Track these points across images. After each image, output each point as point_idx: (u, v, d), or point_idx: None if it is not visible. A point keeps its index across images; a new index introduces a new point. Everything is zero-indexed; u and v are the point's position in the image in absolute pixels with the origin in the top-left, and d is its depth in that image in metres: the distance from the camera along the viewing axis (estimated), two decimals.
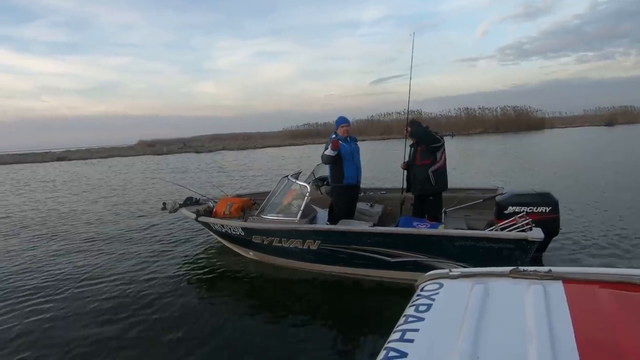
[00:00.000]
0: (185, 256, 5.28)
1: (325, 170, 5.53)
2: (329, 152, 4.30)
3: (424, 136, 4.32)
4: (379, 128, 52.92)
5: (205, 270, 4.73)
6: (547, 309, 1.03)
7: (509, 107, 53.35)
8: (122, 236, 6.55)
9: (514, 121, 50.44)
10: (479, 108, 54.24)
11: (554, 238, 4.10)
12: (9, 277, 4.78)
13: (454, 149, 22.60)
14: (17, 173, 23.76)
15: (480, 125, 50.47)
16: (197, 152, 38.41)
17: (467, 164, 14.61)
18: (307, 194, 4.25)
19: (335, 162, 4.41)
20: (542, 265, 3.99)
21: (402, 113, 55.05)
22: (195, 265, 4.93)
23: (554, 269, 1.22)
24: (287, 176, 4.71)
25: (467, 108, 54.55)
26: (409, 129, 4.47)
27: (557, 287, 1.14)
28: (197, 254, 5.34)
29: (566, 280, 1.17)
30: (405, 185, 4.84)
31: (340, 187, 4.51)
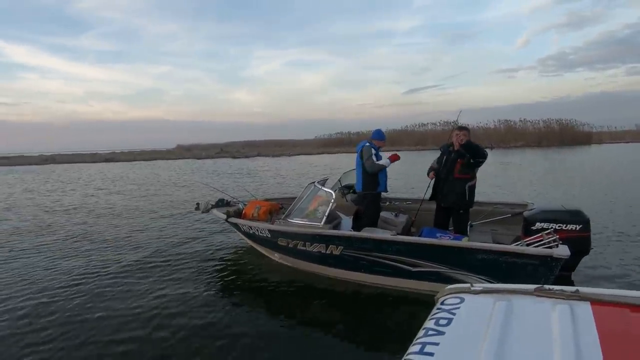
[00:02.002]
0: (213, 254, 5.55)
1: (351, 179, 5.64)
2: (384, 162, 4.61)
3: (476, 152, 4.17)
4: (414, 138, 52.23)
5: (231, 269, 4.95)
6: (574, 330, 0.99)
7: (552, 119, 50.93)
8: (158, 232, 7.00)
9: (558, 135, 48.03)
10: (520, 120, 52.19)
11: (584, 257, 3.95)
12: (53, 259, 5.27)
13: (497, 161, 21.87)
14: (71, 172, 25.66)
15: (521, 138, 48.50)
16: (234, 157, 39.72)
17: (510, 178, 14.14)
18: (332, 201, 4.36)
19: None
20: (571, 284, 3.86)
21: (438, 124, 54.20)
22: (222, 264, 5.16)
23: (582, 289, 1.18)
24: (313, 182, 4.86)
25: (507, 120, 52.67)
26: (462, 141, 4.22)
27: (585, 308, 1.10)
28: (225, 253, 5.60)
29: (595, 301, 1.13)
30: (425, 196, 4.85)
31: (374, 194, 4.70)
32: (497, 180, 13.26)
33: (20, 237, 7.03)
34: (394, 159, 4.71)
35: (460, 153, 4.31)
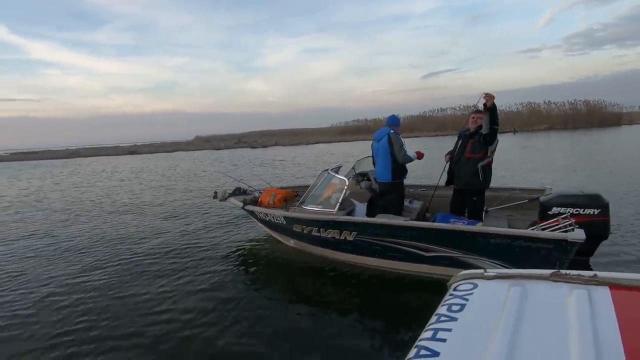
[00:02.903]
0: (230, 241, 5.73)
1: (365, 166, 5.65)
2: (412, 155, 4.52)
3: (496, 116, 4.08)
4: (432, 124, 51.29)
5: (248, 255, 5.11)
6: (591, 316, 0.95)
7: (579, 101, 48.86)
8: (180, 220, 7.28)
9: (585, 116, 46.09)
10: (545, 102, 50.33)
11: (603, 242, 3.88)
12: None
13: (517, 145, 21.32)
14: (97, 165, 26.59)
15: (546, 121, 46.85)
16: (252, 147, 40.22)
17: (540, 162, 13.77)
18: (346, 188, 4.41)
19: None
20: (588, 269, 3.80)
21: (458, 109, 52.93)
22: (240, 250, 5.32)
23: (600, 273, 1.14)
24: (327, 170, 4.91)
25: (531, 102, 50.89)
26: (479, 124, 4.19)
27: (604, 293, 1.06)
28: (242, 240, 5.77)
29: (614, 286, 1.09)
30: (440, 182, 4.82)
31: (400, 183, 4.66)
32: (515, 165, 12.95)
33: (51, 225, 7.43)
34: (420, 156, 4.61)
35: (472, 134, 4.28)
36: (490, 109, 4.04)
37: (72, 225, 7.41)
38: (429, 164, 11.02)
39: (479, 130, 4.18)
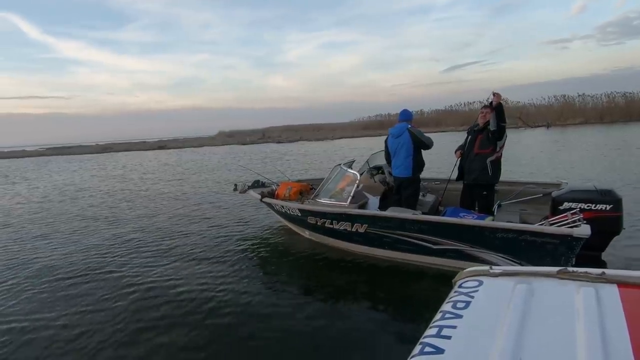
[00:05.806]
0: (250, 231, 6.02)
1: (380, 160, 5.76)
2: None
3: (503, 115, 4.15)
4: (459, 118, 50.06)
5: (266, 244, 5.36)
6: (599, 314, 0.94)
7: (617, 93, 46.26)
8: (204, 209, 7.76)
9: (623, 110, 43.62)
10: (579, 95, 48.01)
11: (617, 238, 3.84)
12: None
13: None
14: (133, 159, 27.78)
15: (581, 114, 44.71)
16: (279, 142, 40.94)
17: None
18: (357, 182, 4.56)
19: (421, 152, 4.64)
20: (601, 264, 3.78)
21: (486, 102, 51.29)
22: (258, 240, 5.58)
23: (608, 271, 1.12)
24: (339, 164, 5.06)
25: (564, 95, 48.67)
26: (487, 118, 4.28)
27: (612, 291, 1.04)
28: (260, 230, 6.04)
29: (622, 284, 1.07)
30: (452, 176, 4.90)
31: (419, 178, 4.73)
32: (537, 161, 12.59)
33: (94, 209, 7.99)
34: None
35: (481, 129, 4.32)
36: (496, 108, 4.09)
37: (106, 209, 7.93)
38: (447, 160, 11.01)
39: (487, 125, 4.22)
